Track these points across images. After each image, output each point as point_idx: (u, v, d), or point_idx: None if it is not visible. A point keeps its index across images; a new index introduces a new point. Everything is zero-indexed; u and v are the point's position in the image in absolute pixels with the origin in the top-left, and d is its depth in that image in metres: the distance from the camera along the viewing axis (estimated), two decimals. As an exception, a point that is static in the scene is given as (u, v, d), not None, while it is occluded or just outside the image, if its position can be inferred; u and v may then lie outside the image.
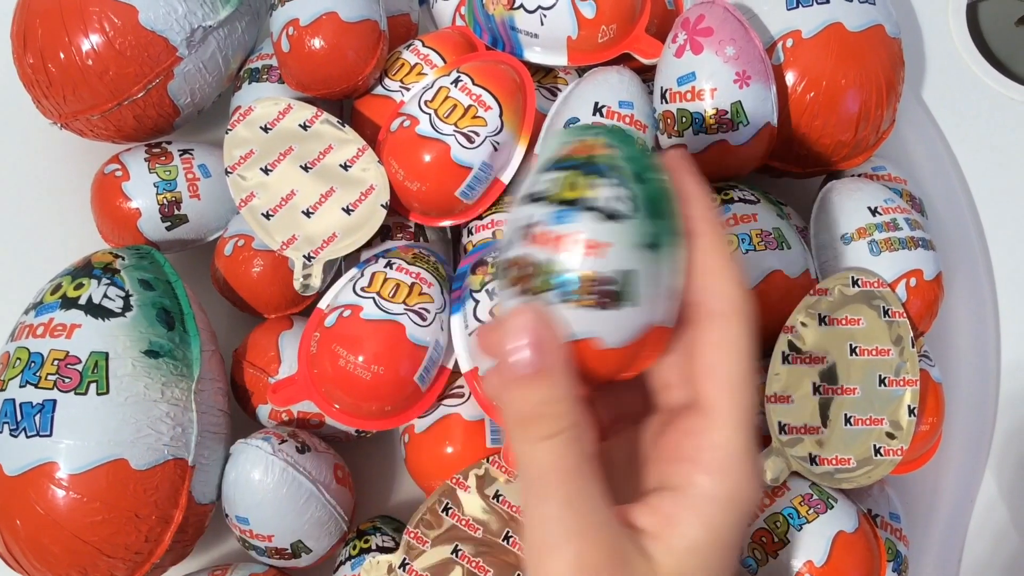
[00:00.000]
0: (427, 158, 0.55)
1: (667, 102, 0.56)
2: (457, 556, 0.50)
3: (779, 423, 0.51)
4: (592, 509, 0.28)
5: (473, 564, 0.49)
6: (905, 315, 0.53)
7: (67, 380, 0.48)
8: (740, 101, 0.54)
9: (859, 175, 0.62)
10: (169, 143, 0.62)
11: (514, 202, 0.30)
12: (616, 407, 0.35)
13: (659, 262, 0.29)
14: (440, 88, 0.57)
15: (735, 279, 0.30)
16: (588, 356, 0.29)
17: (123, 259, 0.54)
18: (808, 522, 0.49)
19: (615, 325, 0.29)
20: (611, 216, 0.28)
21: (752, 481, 0.29)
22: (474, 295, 0.53)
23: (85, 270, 0.53)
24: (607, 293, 0.28)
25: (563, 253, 0.28)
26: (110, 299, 0.51)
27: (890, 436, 0.51)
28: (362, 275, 0.54)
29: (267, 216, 0.56)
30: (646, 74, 0.62)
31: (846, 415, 0.51)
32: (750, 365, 0.30)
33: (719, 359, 0.30)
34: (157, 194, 0.59)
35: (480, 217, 0.59)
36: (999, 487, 0.61)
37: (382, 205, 0.56)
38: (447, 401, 0.55)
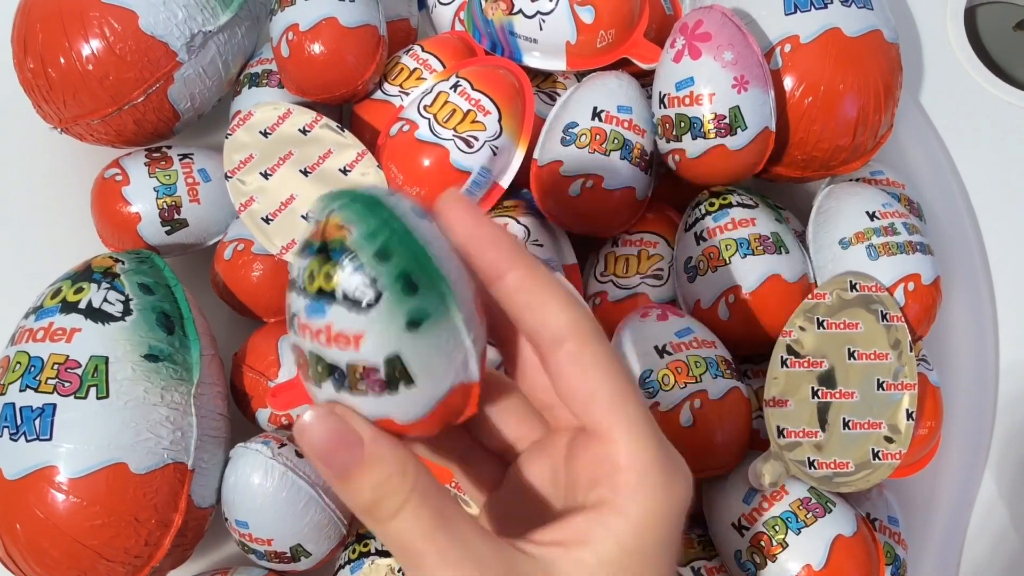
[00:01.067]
0: (426, 163, 0.55)
1: (665, 107, 0.57)
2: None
3: (777, 427, 0.51)
4: (469, 547, 0.27)
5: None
6: (903, 319, 0.53)
7: (67, 384, 0.48)
8: (738, 106, 0.54)
9: (857, 179, 0.63)
10: (169, 147, 0.62)
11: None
12: (500, 434, 0.34)
13: (426, 336, 0.27)
14: (439, 93, 0.57)
15: (560, 304, 0.29)
16: (392, 431, 0.28)
17: (123, 263, 0.54)
18: (806, 526, 0.49)
19: (401, 406, 0.27)
20: (356, 305, 0.26)
21: (670, 490, 0.29)
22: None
23: (85, 274, 0.53)
24: (377, 381, 0.27)
25: (323, 347, 0.27)
26: (110, 303, 0.51)
27: (888, 440, 0.51)
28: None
29: (267, 220, 0.56)
30: (645, 79, 0.62)
31: (844, 419, 0.51)
32: (619, 374, 0.29)
33: (588, 386, 0.29)
34: (157, 198, 0.59)
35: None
36: (998, 490, 0.62)
37: (381, 209, 0.56)
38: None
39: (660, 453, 0.29)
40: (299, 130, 0.58)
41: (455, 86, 0.57)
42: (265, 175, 0.57)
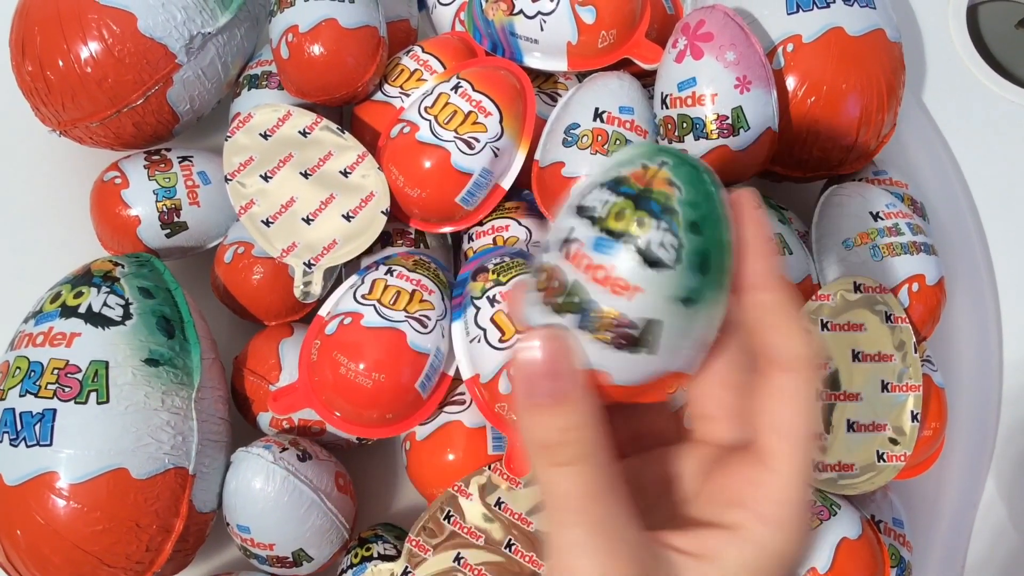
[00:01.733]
0: (427, 164, 0.55)
1: (668, 107, 0.56)
2: (459, 564, 0.50)
3: (782, 429, 0.51)
4: (619, 530, 0.28)
5: (475, 572, 0.49)
6: (907, 320, 0.53)
7: (67, 389, 0.48)
8: (741, 106, 0.54)
9: (860, 179, 0.62)
10: (168, 150, 0.62)
11: (569, 201, 0.29)
12: (636, 424, 0.34)
13: (691, 317, 0.27)
14: (440, 94, 0.57)
15: (802, 335, 0.29)
16: (591, 384, 0.28)
17: (123, 267, 0.54)
18: (811, 529, 0.49)
19: (626, 366, 0.28)
20: (650, 262, 0.26)
21: (804, 538, 0.29)
22: (475, 302, 0.53)
23: (85, 278, 0.53)
24: (626, 336, 0.27)
25: (592, 283, 0.27)
26: (110, 307, 0.51)
27: (893, 442, 0.51)
28: (362, 282, 0.54)
29: (267, 223, 0.56)
30: (646, 79, 0.62)
31: (849, 421, 0.51)
32: (816, 421, 0.30)
33: (787, 414, 0.29)
34: (156, 201, 0.59)
35: (480, 223, 0.59)
36: (1001, 491, 0.61)
37: (382, 212, 0.56)
38: (448, 408, 0.55)
39: (806, 502, 0.29)
40: (299, 132, 0.57)
41: (456, 87, 0.57)
42: (265, 177, 0.57)
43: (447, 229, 0.59)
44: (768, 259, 0.29)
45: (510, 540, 0.50)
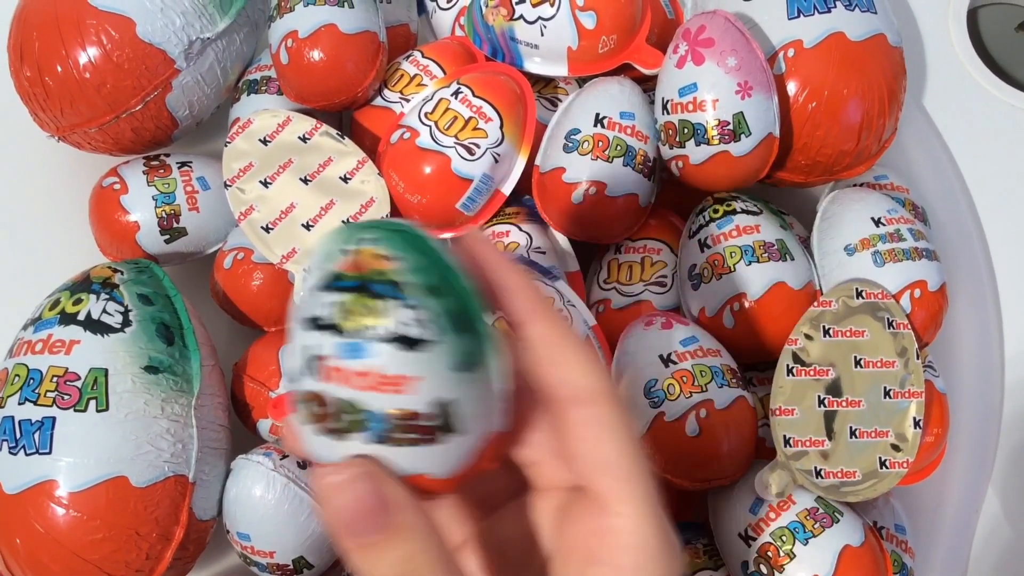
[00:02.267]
0: (427, 170, 0.55)
1: (668, 113, 0.56)
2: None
3: (784, 436, 0.51)
4: None
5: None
6: (910, 327, 0.53)
7: (66, 397, 0.48)
8: (742, 112, 0.54)
9: (861, 184, 0.62)
10: (167, 156, 0.62)
11: (295, 319, 0.25)
12: (480, 488, 0.32)
13: (481, 379, 0.26)
14: (440, 100, 0.57)
15: (585, 362, 0.28)
16: (419, 487, 0.26)
17: (122, 274, 0.54)
18: (814, 536, 0.49)
19: (443, 458, 0.25)
20: (410, 345, 0.24)
21: (670, 564, 0.28)
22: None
23: (84, 285, 0.52)
24: (426, 429, 0.25)
25: (363, 392, 0.24)
26: (109, 314, 0.51)
27: (895, 448, 0.51)
28: None
29: (267, 229, 0.56)
30: (647, 84, 0.62)
31: (851, 428, 0.51)
32: (635, 445, 0.28)
33: (604, 453, 0.27)
34: (156, 207, 0.59)
35: (481, 229, 0.59)
36: (1004, 496, 0.61)
37: (382, 218, 0.56)
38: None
39: (663, 533, 0.27)
40: (299, 138, 0.57)
41: (456, 93, 0.57)
42: (265, 183, 0.56)
43: (447, 235, 0.59)
44: (521, 293, 0.27)
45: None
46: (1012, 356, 0.64)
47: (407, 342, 0.24)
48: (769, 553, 0.49)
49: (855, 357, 0.52)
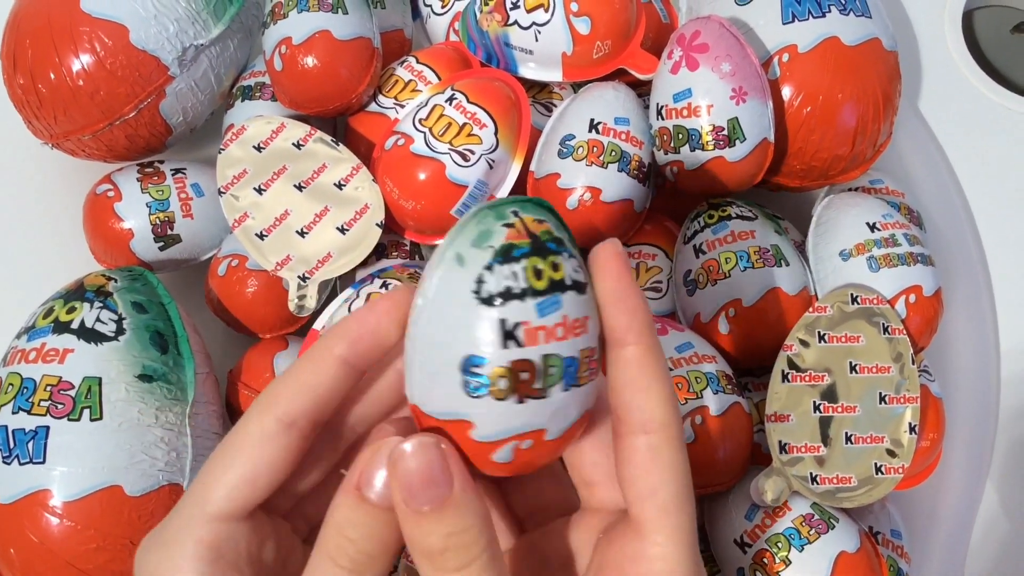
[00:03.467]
0: (422, 177, 0.55)
1: (663, 118, 0.56)
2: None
3: (779, 442, 0.50)
4: None
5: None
6: (905, 332, 0.52)
7: (60, 406, 0.47)
8: (737, 117, 0.54)
9: (857, 189, 0.62)
10: (161, 162, 0.62)
11: (462, 322, 0.26)
12: (533, 498, 0.34)
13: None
14: (435, 106, 0.56)
15: (663, 396, 0.29)
16: (580, 429, 0.29)
17: (116, 281, 0.54)
18: (810, 543, 0.48)
19: (596, 389, 0.28)
20: (581, 289, 0.27)
21: None
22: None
23: (77, 293, 0.52)
24: (595, 364, 0.28)
25: (559, 342, 0.26)
26: (103, 323, 0.51)
27: (891, 454, 0.51)
28: (357, 295, 0.54)
29: (261, 236, 0.56)
30: (642, 89, 0.62)
31: (847, 433, 0.51)
32: (685, 483, 0.29)
33: (653, 482, 0.29)
34: (150, 214, 0.58)
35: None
36: (1000, 501, 0.61)
37: (377, 224, 0.56)
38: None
39: (694, 565, 0.29)
40: (293, 144, 0.57)
41: (451, 99, 0.56)
42: (259, 190, 0.56)
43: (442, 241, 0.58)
44: (631, 314, 0.28)
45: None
46: (1008, 360, 0.64)
47: (579, 287, 0.27)
48: (765, 559, 0.49)
49: (850, 363, 0.52)
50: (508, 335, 0.26)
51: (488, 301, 0.26)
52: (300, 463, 0.30)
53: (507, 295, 0.26)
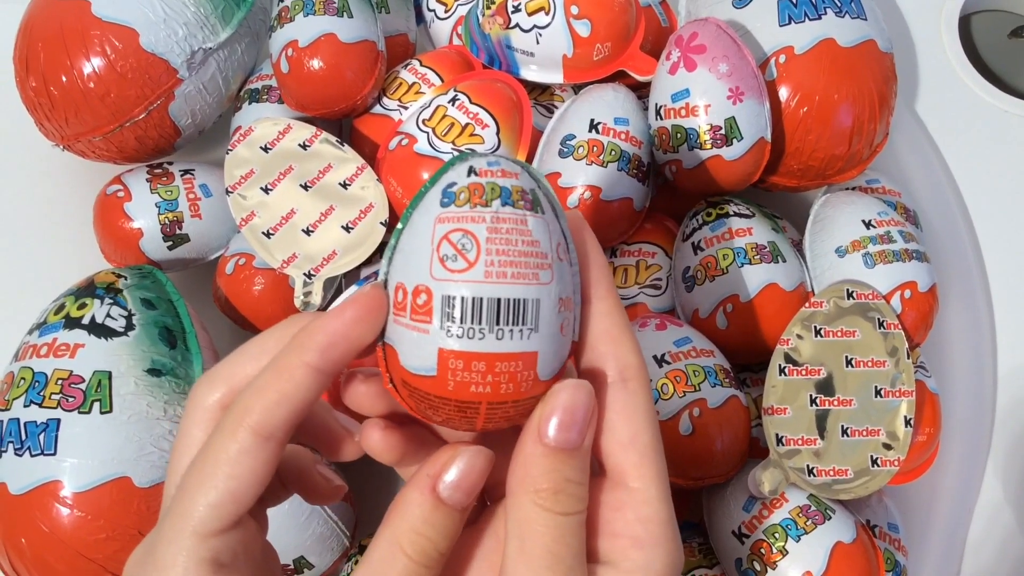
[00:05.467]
0: (425, 176, 0.56)
1: (662, 118, 0.57)
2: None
3: (776, 435, 0.51)
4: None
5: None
6: (900, 327, 0.53)
7: (71, 399, 0.48)
8: (734, 117, 0.55)
9: (853, 188, 0.63)
10: (170, 163, 0.63)
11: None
12: (499, 470, 0.35)
13: None
14: (438, 107, 0.58)
15: (632, 346, 0.30)
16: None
17: (125, 279, 0.55)
18: (806, 533, 0.49)
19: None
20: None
21: (679, 548, 0.30)
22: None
23: (88, 290, 0.53)
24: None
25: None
26: (113, 318, 0.52)
27: (887, 447, 0.51)
28: None
29: (267, 235, 0.57)
30: (641, 91, 0.62)
31: (843, 426, 0.52)
32: (657, 430, 0.30)
33: (634, 428, 0.29)
34: (159, 214, 0.60)
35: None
36: (997, 496, 0.62)
37: (381, 223, 0.57)
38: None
39: (671, 512, 0.30)
40: (299, 145, 0.58)
41: (453, 100, 0.58)
42: (266, 190, 0.57)
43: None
44: (599, 267, 0.30)
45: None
46: (1005, 356, 0.65)
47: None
48: (762, 550, 0.49)
49: (846, 357, 0.53)
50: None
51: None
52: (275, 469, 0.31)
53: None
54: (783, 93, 0.58)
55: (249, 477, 0.28)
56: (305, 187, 0.57)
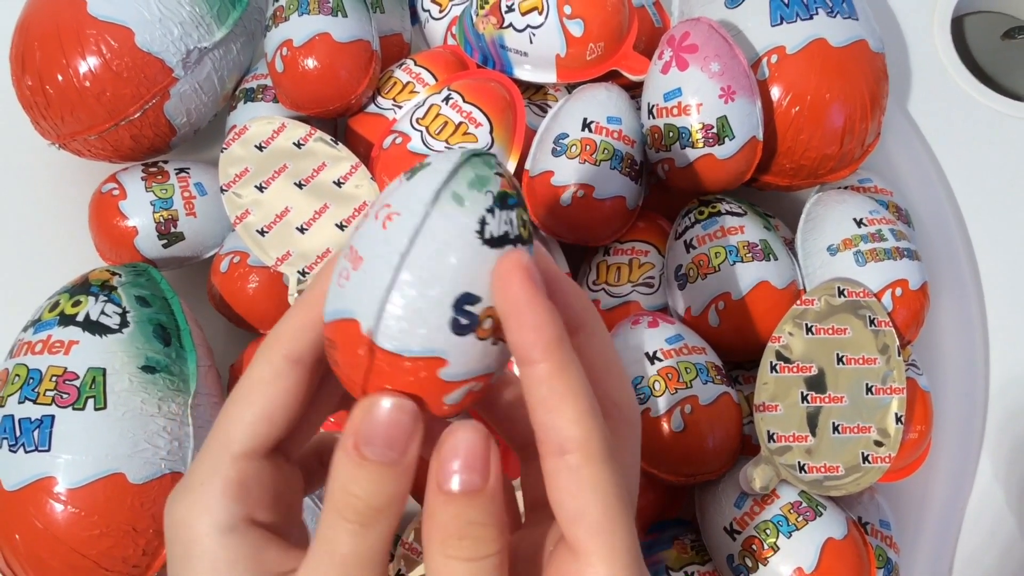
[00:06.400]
0: (419, 174, 0.56)
1: (654, 117, 0.57)
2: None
3: (768, 432, 0.52)
4: None
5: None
6: (891, 324, 0.54)
7: (65, 396, 0.49)
8: (726, 116, 0.55)
9: (845, 187, 0.63)
10: (166, 162, 0.63)
11: (455, 241, 0.26)
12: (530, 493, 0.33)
13: None
14: (431, 106, 0.58)
15: (577, 412, 0.27)
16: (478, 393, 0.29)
17: (120, 276, 0.55)
18: (797, 529, 0.49)
19: (503, 356, 0.29)
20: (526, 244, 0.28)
21: None
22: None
23: (83, 287, 0.54)
24: None
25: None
26: (107, 316, 0.52)
27: (878, 444, 0.52)
28: None
29: (262, 233, 0.57)
30: (634, 90, 0.63)
31: (834, 423, 0.52)
32: (616, 499, 0.27)
33: (579, 504, 0.27)
34: (154, 212, 0.60)
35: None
36: (989, 493, 0.62)
37: (375, 221, 0.57)
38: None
39: None
40: (293, 144, 0.58)
41: (447, 99, 0.58)
42: (260, 188, 0.58)
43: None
44: (533, 329, 0.26)
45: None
46: (997, 354, 0.65)
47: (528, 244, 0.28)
48: (754, 546, 0.50)
49: (837, 354, 0.53)
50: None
51: (490, 243, 0.26)
52: (309, 401, 0.31)
53: (505, 240, 0.26)
54: (775, 93, 0.58)
55: (281, 398, 0.30)
56: (299, 185, 0.58)
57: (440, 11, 0.68)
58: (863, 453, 0.51)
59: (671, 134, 0.56)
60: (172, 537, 0.30)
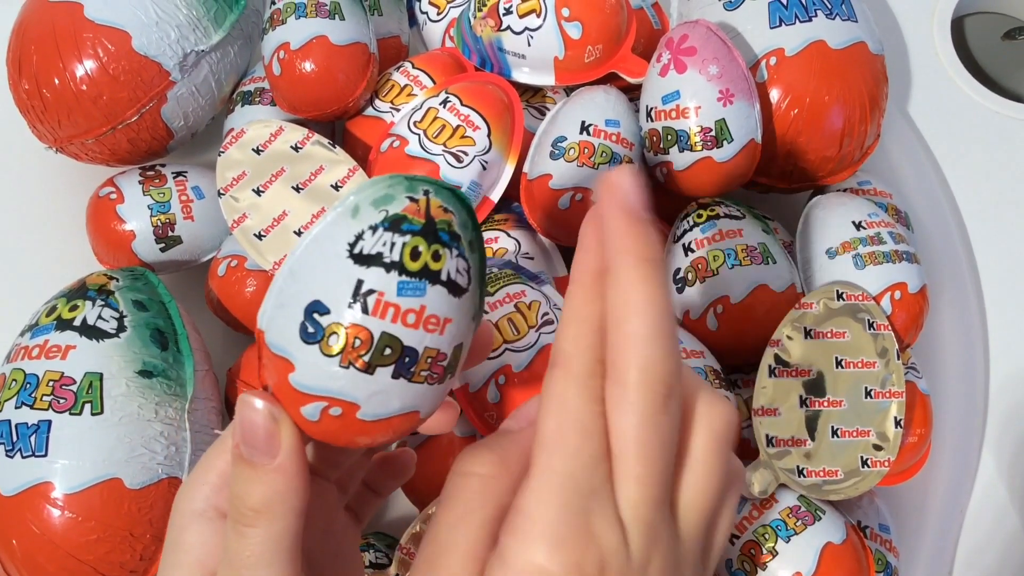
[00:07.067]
0: (417, 178, 0.56)
1: (652, 120, 0.57)
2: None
3: (767, 436, 0.51)
4: None
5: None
6: (890, 328, 0.53)
7: (62, 401, 0.48)
8: (724, 119, 0.55)
9: (845, 190, 0.63)
10: (163, 166, 0.63)
11: (331, 250, 0.26)
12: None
13: (473, 329, 0.28)
14: (429, 109, 0.58)
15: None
16: (402, 427, 0.28)
17: (117, 281, 0.55)
18: (796, 533, 0.49)
19: (431, 398, 0.28)
20: (455, 291, 0.26)
21: (544, 546, 0.25)
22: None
23: (80, 292, 0.54)
24: (442, 370, 0.27)
25: (406, 328, 0.26)
26: (104, 320, 0.52)
27: (877, 448, 0.52)
28: None
29: (259, 236, 0.57)
30: (632, 93, 0.63)
31: (833, 427, 0.52)
32: (577, 418, 0.26)
33: (540, 417, 0.27)
34: (151, 216, 0.60)
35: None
36: (988, 497, 0.62)
37: (373, 225, 0.57)
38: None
39: (571, 516, 0.25)
40: (291, 147, 0.58)
41: (445, 102, 0.58)
42: (258, 192, 0.58)
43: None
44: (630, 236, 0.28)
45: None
46: (997, 358, 0.65)
47: (454, 288, 0.26)
48: (753, 551, 0.49)
49: (836, 358, 0.53)
50: (358, 296, 0.26)
51: (356, 258, 0.26)
52: None
53: (374, 260, 0.26)
54: (774, 95, 0.58)
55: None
56: (297, 189, 0.57)
57: (438, 13, 0.68)
58: (862, 457, 0.51)
59: (669, 137, 0.56)
60: (169, 524, 0.31)
